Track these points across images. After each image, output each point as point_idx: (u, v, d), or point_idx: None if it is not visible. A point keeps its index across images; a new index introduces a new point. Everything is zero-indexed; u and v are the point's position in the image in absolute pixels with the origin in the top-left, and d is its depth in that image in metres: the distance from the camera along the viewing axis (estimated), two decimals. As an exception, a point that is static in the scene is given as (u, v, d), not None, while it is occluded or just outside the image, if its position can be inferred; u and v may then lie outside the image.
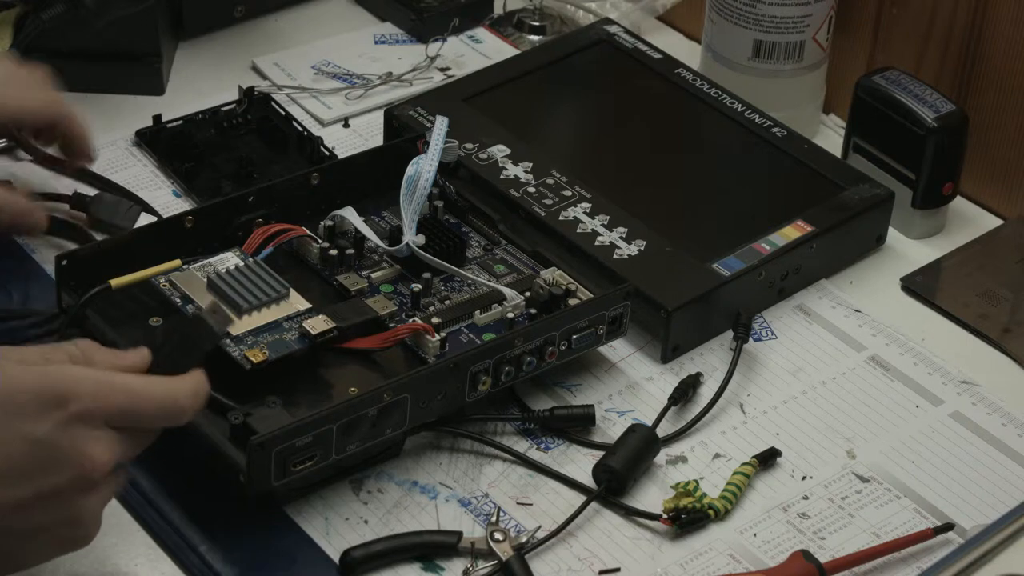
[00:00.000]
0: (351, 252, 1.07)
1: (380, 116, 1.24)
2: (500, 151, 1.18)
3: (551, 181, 1.16)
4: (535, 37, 1.39)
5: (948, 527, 0.97)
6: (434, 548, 0.95)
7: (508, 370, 0.99)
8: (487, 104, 1.23)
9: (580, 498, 0.98)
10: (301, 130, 1.23)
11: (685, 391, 1.05)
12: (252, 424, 0.93)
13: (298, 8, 1.41)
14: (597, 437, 1.03)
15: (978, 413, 1.06)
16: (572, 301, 1.03)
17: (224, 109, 1.24)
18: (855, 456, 1.03)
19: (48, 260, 1.11)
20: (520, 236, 1.11)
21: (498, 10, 1.41)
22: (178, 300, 1.00)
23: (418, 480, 0.99)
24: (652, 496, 0.99)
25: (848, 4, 1.28)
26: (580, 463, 1.01)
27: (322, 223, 1.08)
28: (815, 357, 1.10)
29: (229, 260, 1.04)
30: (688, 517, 0.97)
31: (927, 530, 0.97)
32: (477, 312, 1.03)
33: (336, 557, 0.94)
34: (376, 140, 1.25)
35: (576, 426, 1.03)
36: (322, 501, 0.97)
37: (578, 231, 1.12)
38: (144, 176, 1.21)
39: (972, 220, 1.23)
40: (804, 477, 1.01)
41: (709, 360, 1.09)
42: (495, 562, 0.94)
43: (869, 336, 1.12)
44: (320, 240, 1.08)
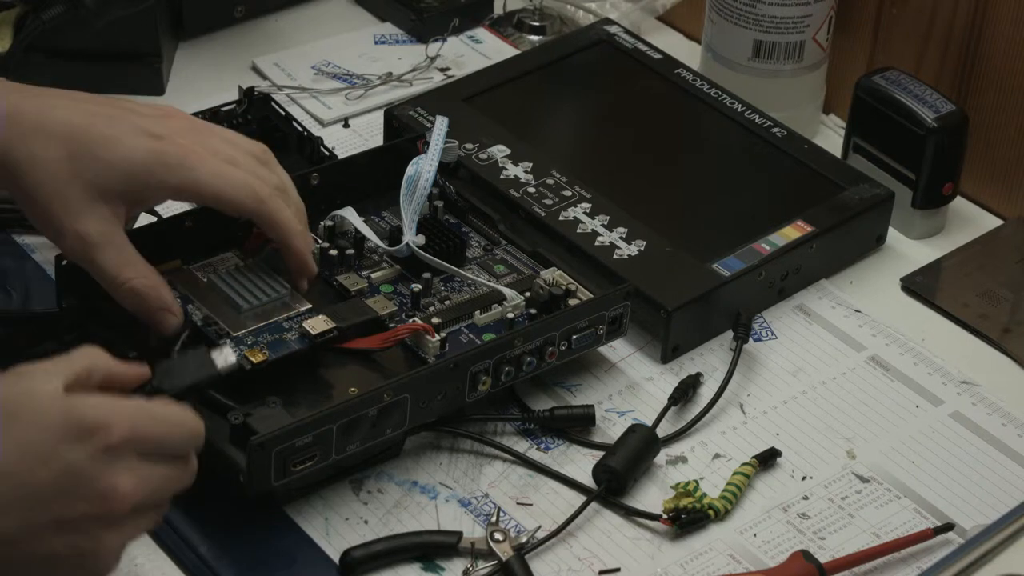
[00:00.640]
0: (351, 252, 1.07)
1: (380, 116, 1.24)
2: (500, 151, 1.18)
3: (551, 181, 1.16)
4: (535, 37, 1.39)
5: (948, 527, 0.97)
6: (434, 548, 0.95)
7: (508, 370, 0.99)
8: (487, 104, 1.23)
9: (580, 498, 0.98)
10: (301, 130, 1.23)
11: (685, 391, 1.05)
12: (252, 424, 0.93)
13: (298, 8, 1.41)
14: (597, 437, 1.03)
15: (978, 413, 1.06)
16: (572, 301, 1.03)
17: (224, 109, 1.24)
18: (855, 456, 1.03)
19: (48, 260, 1.11)
20: (520, 236, 1.11)
21: (498, 10, 1.41)
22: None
23: (418, 480, 0.99)
24: (652, 496, 0.99)
25: (848, 4, 1.28)
26: (580, 463, 1.01)
27: (322, 223, 1.08)
28: (815, 357, 1.10)
29: (229, 260, 1.04)
30: (688, 517, 0.97)
31: (927, 530, 0.97)
32: (477, 312, 1.03)
33: (336, 557, 0.94)
34: (376, 140, 1.25)
35: (576, 426, 1.03)
36: (322, 501, 0.97)
37: (578, 231, 1.12)
38: (144, 176, 1.22)
39: (972, 220, 1.23)
40: (804, 477, 1.01)
41: (709, 360, 1.09)
42: (495, 562, 0.94)
43: (869, 336, 1.12)
44: (320, 240, 1.08)
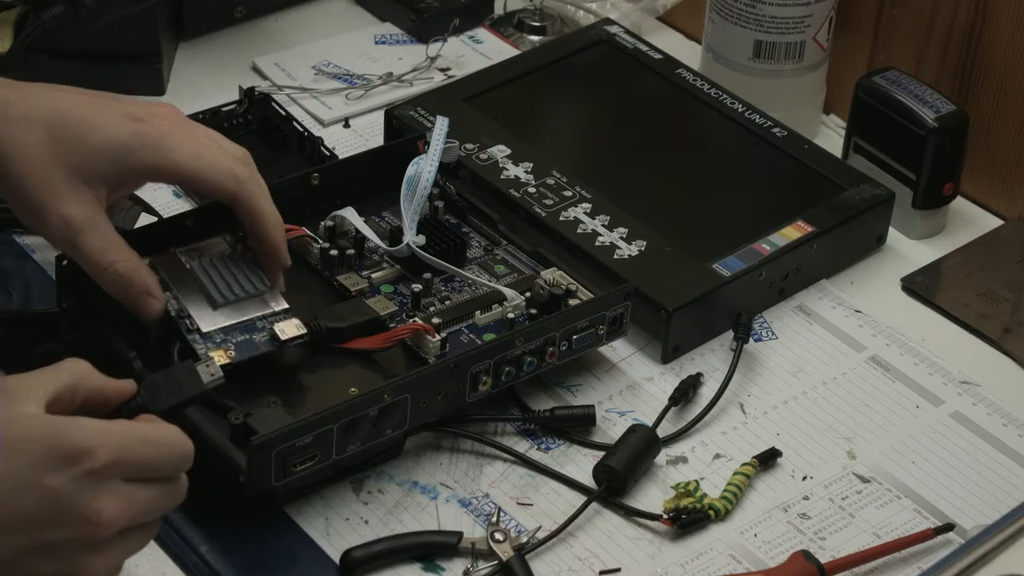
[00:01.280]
0: (351, 252, 1.07)
1: (380, 116, 1.24)
2: (500, 151, 1.18)
3: (551, 181, 1.16)
4: (535, 37, 1.39)
5: (948, 527, 0.97)
6: (434, 548, 0.95)
7: (508, 370, 0.99)
8: (488, 104, 1.23)
9: (580, 498, 0.98)
10: (301, 130, 1.23)
11: (686, 391, 1.05)
12: (252, 424, 0.93)
13: (298, 8, 1.41)
14: (597, 437, 1.03)
15: (978, 413, 1.06)
16: (572, 301, 1.03)
17: (224, 109, 1.24)
18: (855, 456, 1.03)
19: (48, 260, 1.11)
20: (520, 236, 1.11)
21: (498, 10, 1.41)
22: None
23: (418, 480, 0.99)
24: (652, 496, 0.99)
25: (848, 4, 1.28)
26: (580, 463, 1.01)
27: (322, 223, 1.08)
28: (815, 357, 1.10)
29: (217, 246, 1.03)
30: (688, 517, 0.97)
31: (927, 530, 0.97)
32: (477, 312, 1.03)
33: (336, 557, 0.94)
34: (376, 140, 1.25)
35: (576, 426, 1.03)
36: (322, 501, 0.97)
37: (578, 231, 1.12)
38: (144, 176, 1.22)
39: (972, 220, 1.23)
40: (804, 477, 1.01)
41: (709, 360, 1.09)
42: (495, 562, 0.94)
43: (869, 336, 1.12)
44: (320, 240, 1.08)
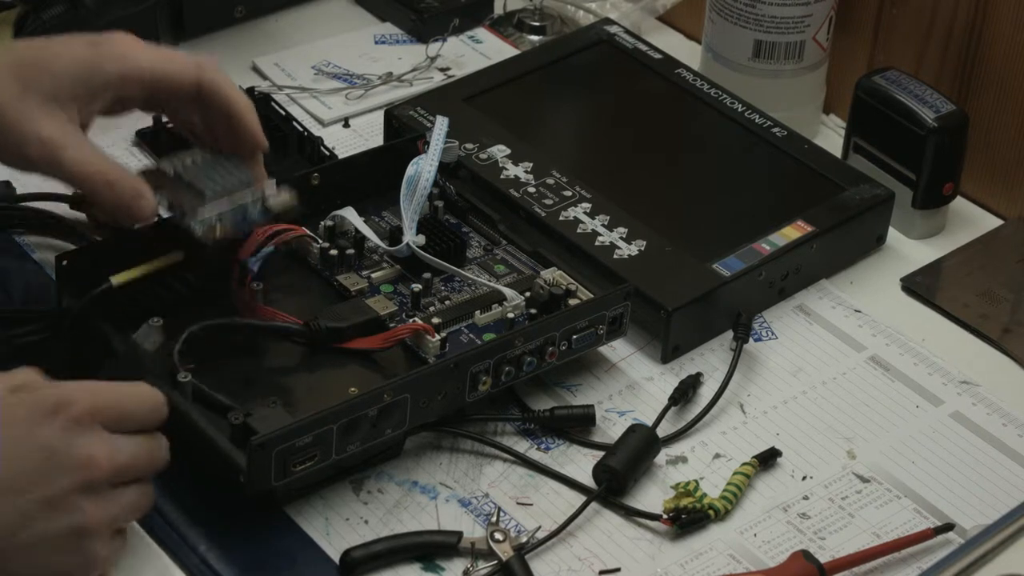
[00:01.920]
0: (351, 252, 1.07)
1: (380, 116, 1.24)
2: (500, 151, 1.18)
3: (551, 181, 1.16)
4: (535, 37, 1.39)
5: (948, 527, 0.97)
6: (434, 548, 0.95)
7: (508, 370, 0.99)
8: (487, 104, 1.23)
9: (580, 498, 0.98)
10: (301, 130, 1.23)
11: (685, 391, 1.05)
12: (252, 424, 0.93)
13: (298, 8, 1.41)
14: (597, 437, 1.03)
15: (978, 413, 1.06)
16: (572, 301, 1.03)
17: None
18: (855, 456, 1.03)
19: (48, 260, 1.11)
20: (520, 236, 1.11)
21: (498, 10, 1.41)
22: None
23: (418, 480, 0.99)
24: (652, 496, 0.99)
25: (848, 4, 1.28)
26: (580, 463, 1.01)
27: (322, 223, 1.08)
28: (815, 357, 1.10)
29: (196, 154, 1.04)
30: (688, 517, 0.97)
31: (927, 530, 0.97)
32: (477, 312, 1.03)
33: (336, 557, 0.94)
34: (376, 140, 1.25)
35: (576, 426, 1.03)
36: (322, 501, 0.97)
37: (578, 231, 1.12)
38: (144, 176, 1.22)
39: (972, 220, 1.23)
40: (804, 477, 1.01)
41: (709, 360, 1.09)
42: (495, 562, 0.94)
43: (869, 336, 1.12)
44: (320, 240, 1.08)
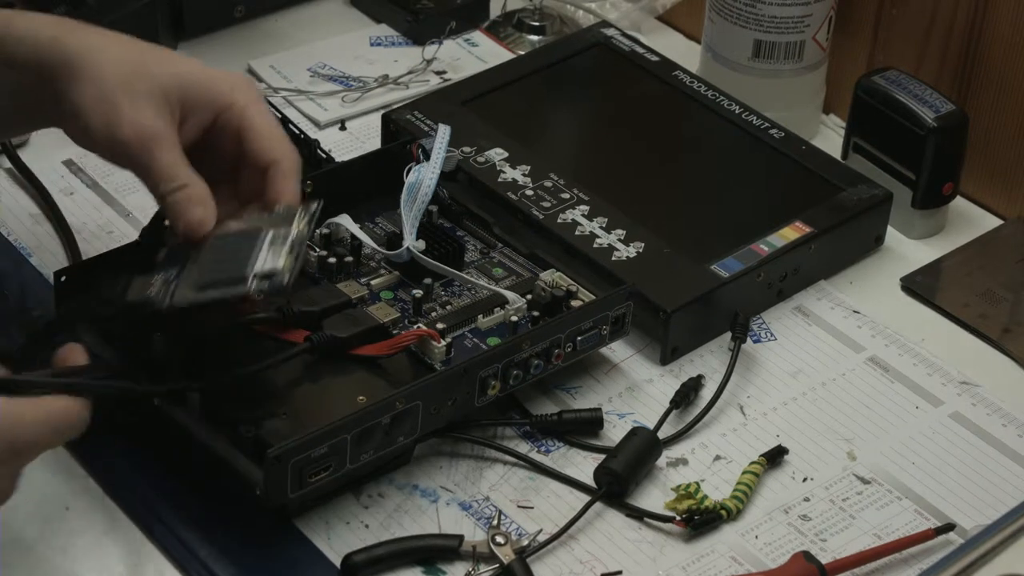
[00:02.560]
0: (349, 260, 1.06)
1: (377, 118, 1.24)
2: (498, 154, 1.18)
3: (549, 184, 1.16)
4: (535, 37, 1.39)
5: (949, 527, 0.97)
6: (436, 552, 0.94)
7: (516, 374, 0.99)
8: (485, 108, 1.23)
9: (580, 501, 0.98)
10: (297, 132, 1.22)
11: (687, 394, 1.05)
12: (264, 437, 0.92)
13: (296, 8, 1.41)
14: (598, 440, 1.03)
15: (978, 414, 1.06)
16: (574, 303, 1.03)
17: (221, 112, 1.24)
18: (855, 457, 1.03)
19: (44, 263, 1.12)
20: (517, 239, 1.11)
21: (498, 10, 1.41)
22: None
23: (419, 484, 0.99)
24: (654, 498, 0.99)
25: (848, 4, 1.28)
26: (581, 466, 1.01)
27: (318, 231, 1.08)
28: (815, 358, 1.10)
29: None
30: (701, 518, 0.96)
31: (928, 531, 0.97)
32: (480, 316, 1.03)
33: (337, 561, 0.94)
34: (373, 142, 1.25)
35: (584, 430, 1.02)
36: (323, 506, 0.97)
37: (576, 233, 1.11)
38: (142, 179, 1.22)
39: (972, 220, 1.23)
40: (805, 479, 1.01)
41: (709, 362, 1.09)
42: (497, 565, 0.94)
43: (868, 337, 1.11)
44: (317, 248, 1.07)
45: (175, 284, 0.93)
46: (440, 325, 1.01)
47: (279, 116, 1.23)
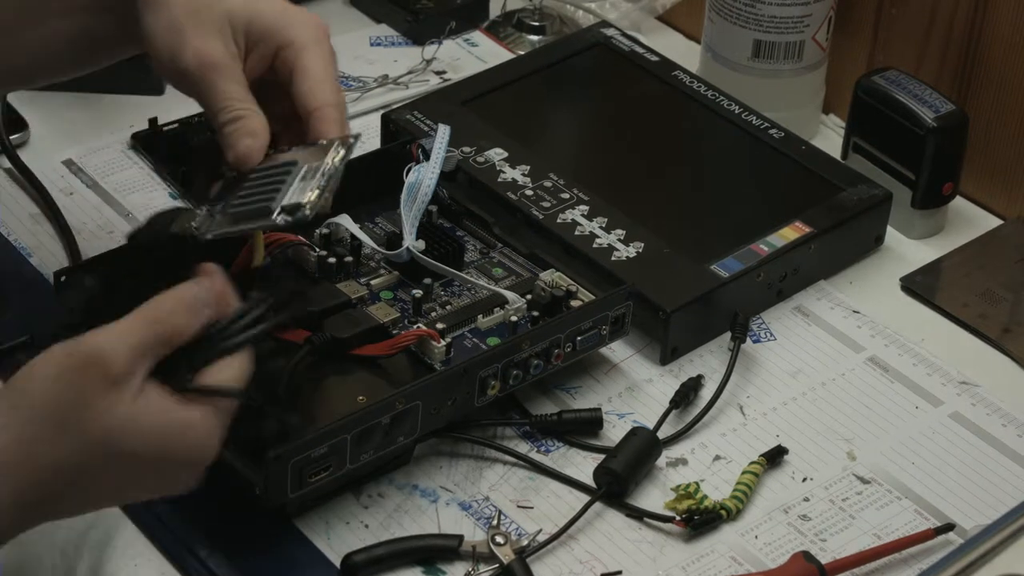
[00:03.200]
0: (349, 260, 1.06)
1: (377, 118, 1.24)
2: (498, 154, 1.18)
3: (549, 184, 1.16)
4: (535, 37, 1.39)
5: (949, 527, 0.97)
6: (435, 552, 0.94)
7: (516, 374, 0.99)
8: (485, 108, 1.23)
9: (580, 501, 0.98)
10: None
11: (686, 394, 1.05)
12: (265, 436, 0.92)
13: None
14: (598, 440, 1.03)
15: (978, 414, 1.06)
16: (574, 303, 1.03)
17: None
18: (855, 457, 1.03)
19: (45, 264, 1.12)
20: (517, 238, 1.10)
21: (498, 10, 1.41)
22: None
23: (418, 484, 0.99)
24: (654, 498, 0.99)
25: (848, 4, 1.28)
26: (581, 466, 1.01)
27: (317, 231, 1.08)
28: (814, 358, 1.10)
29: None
30: (701, 518, 0.97)
31: (928, 531, 0.97)
32: (480, 316, 1.03)
33: (337, 562, 0.94)
34: (373, 142, 1.25)
35: (584, 430, 1.02)
36: (323, 506, 0.97)
37: (576, 233, 1.11)
38: (141, 178, 1.22)
39: (972, 220, 1.23)
40: (805, 479, 1.01)
41: (709, 362, 1.09)
42: (496, 565, 0.94)
43: (868, 337, 1.11)
44: (317, 249, 1.07)
45: (216, 216, 0.93)
46: (440, 325, 1.01)
47: None
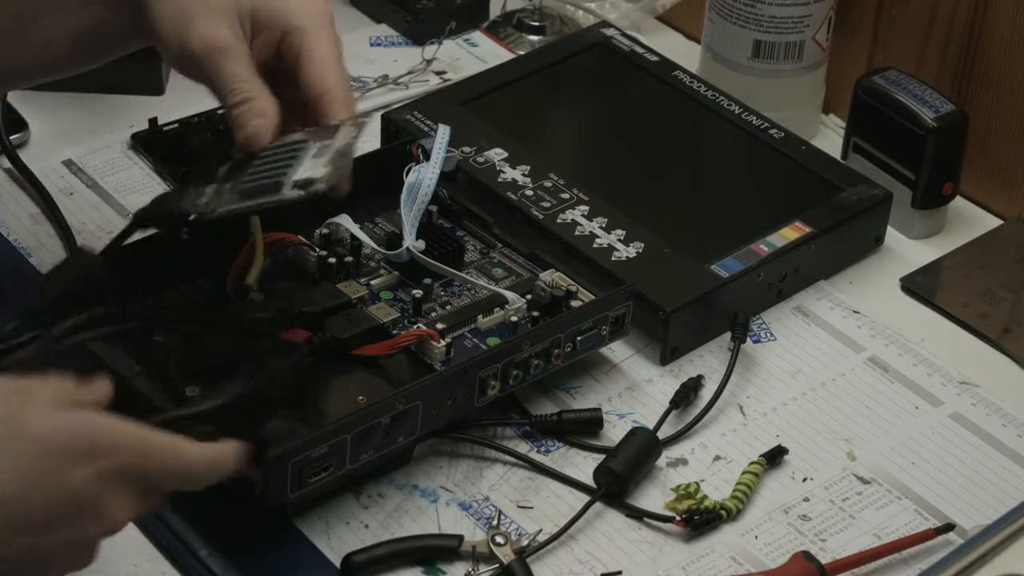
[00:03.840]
0: (349, 260, 1.06)
1: (377, 118, 1.23)
2: (498, 154, 1.18)
3: (549, 184, 1.16)
4: (535, 37, 1.39)
5: (949, 527, 0.97)
6: (435, 552, 0.94)
7: (516, 374, 0.99)
8: (485, 108, 1.23)
9: (580, 501, 0.98)
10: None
11: (686, 394, 1.05)
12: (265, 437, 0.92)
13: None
14: (598, 440, 1.03)
15: (978, 414, 1.06)
16: (574, 303, 1.03)
17: (220, 112, 1.24)
18: (855, 458, 1.03)
19: (45, 264, 1.12)
20: (517, 239, 1.10)
21: (498, 10, 1.41)
22: None
23: (418, 484, 0.99)
24: (654, 498, 0.99)
25: (848, 4, 1.28)
26: (581, 466, 1.01)
27: (317, 231, 1.07)
28: (814, 358, 1.10)
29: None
30: (701, 518, 0.97)
31: (928, 531, 0.97)
32: (480, 316, 1.03)
33: (337, 562, 0.94)
34: (373, 142, 1.25)
35: (584, 430, 1.02)
36: (323, 506, 0.97)
37: (576, 233, 1.11)
38: (141, 178, 1.22)
39: (972, 220, 1.23)
40: (805, 479, 1.01)
41: (709, 362, 1.09)
42: (496, 566, 0.94)
43: (868, 337, 1.11)
44: (317, 249, 1.07)
45: (225, 195, 0.93)
46: (440, 325, 1.01)
47: None
